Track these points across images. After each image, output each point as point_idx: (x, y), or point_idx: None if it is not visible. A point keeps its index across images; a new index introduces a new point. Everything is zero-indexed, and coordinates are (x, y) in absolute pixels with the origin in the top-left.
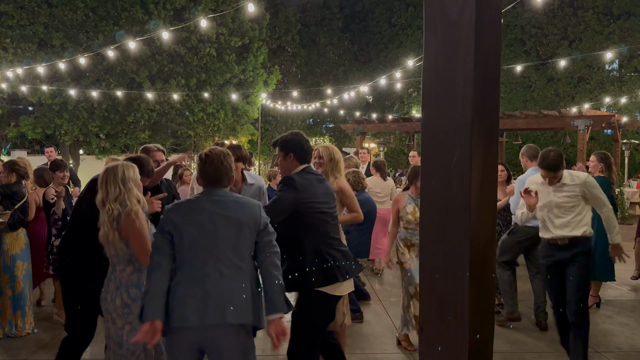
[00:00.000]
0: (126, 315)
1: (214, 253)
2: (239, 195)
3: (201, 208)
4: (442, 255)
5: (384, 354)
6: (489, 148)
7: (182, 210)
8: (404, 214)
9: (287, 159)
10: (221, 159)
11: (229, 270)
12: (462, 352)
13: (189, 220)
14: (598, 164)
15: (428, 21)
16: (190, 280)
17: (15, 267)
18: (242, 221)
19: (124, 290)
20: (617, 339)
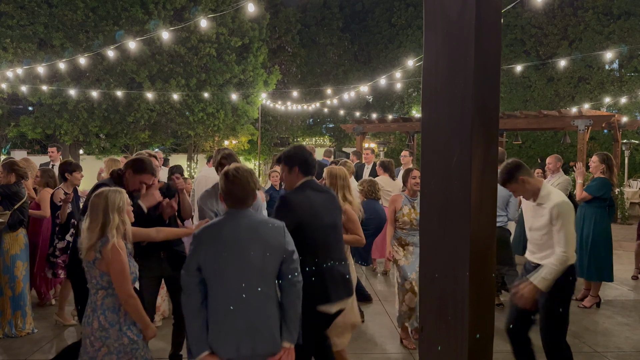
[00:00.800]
0: (103, 339)
1: (242, 282)
2: (264, 217)
3: (229, 236)
4: (442, 255)
5: (384, 354)
6: (489, 148)
7: (210, 240)
8: (400, 215)
9: (292, 173)
10: (248, 179)
11: (257, 299)
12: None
13: (216, 247)
14: (600, 165)
15: (428, 21)
16: (220, 311)
17: (15, 268)
18: (269, 245)
19: (100, 313)
20: (617, 339)
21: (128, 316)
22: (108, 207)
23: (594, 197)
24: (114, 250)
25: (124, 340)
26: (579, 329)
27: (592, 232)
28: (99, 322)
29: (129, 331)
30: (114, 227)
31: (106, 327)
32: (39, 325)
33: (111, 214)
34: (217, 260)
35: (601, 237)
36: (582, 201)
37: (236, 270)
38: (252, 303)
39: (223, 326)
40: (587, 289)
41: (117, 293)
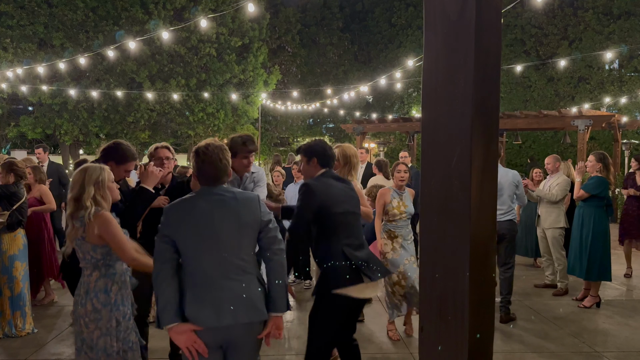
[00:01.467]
0: (97, 320)
1: (217, 256)
2: (238, 191)
3: (200, 210)
4: (442, 255)
5: (383, 354)
6: (489, 148)
7: (180, 213)
8: (390, 207)
9: (310, 164)
10: (219, 156)
11: (234, 272)
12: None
13: (189, 224)
14: (596, 164)
15: (428, 21)
16: (198, 285)
17: (13, 268)
18: (243, 219)
19: (93, 295)
20: (617, 339)
21: (118, 297)
22: (84, 179)
23: (592, 196)
24: (97, 218)
25: (113, 322)
26: (579, 329)
27: (592, 232)
28: (92, 304)
29: (116, 312)
30: (89, 197)
31: (99, 308)
32: (38, 325)
33: (87, 186)
34: (191, 236)
35: (600, 237)
36: (579, 200)
37: (211, 245)
38: (230, 276)
39: (201, 296)
40: (586, 288)
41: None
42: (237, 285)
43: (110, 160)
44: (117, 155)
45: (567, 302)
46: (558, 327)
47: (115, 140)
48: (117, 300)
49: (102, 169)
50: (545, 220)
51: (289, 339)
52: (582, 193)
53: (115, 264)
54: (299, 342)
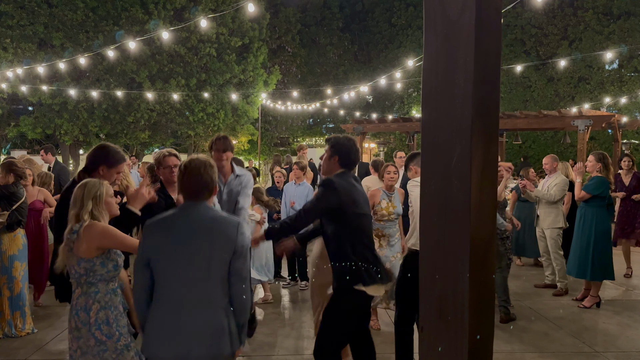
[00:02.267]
0: (77, 339)
1: (185, 281)
2: (218, 214)
3: (177, 229)
4: (442, 255)
5: (383, 354)
6: (489, 148)
7: (158, 233)
8: (379, 208)
9: (332, 160)
10: (200, 170)
11: (200, 300)
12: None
13: (164, 246)
14: (596, 163)
15: (428, 21)
16: (163, 310)
17: (13, 268)
18: (217, 242)
19: (74, 313)
20: (617, 339)
21: (99, 316)
22: (84, 195)
23: (593, 196)
24: (90, 229)
25: (91, 341)
26: (579, 329)
27: (594, 233)
28: (75, 321)
29: (97, 332)
30: (87, 212)
31: (79, 326)
32: (38, 325)
33: (85, 201)
34: (162, 257)
35: (602, 237)
36: (580, 200)
37: (180, 269)
38: (194, 305)
39: (159, 327)
40: (587, 289)
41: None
42: (200, 314)
43: (102, 164)
44: (107, 160)
45: (567, 302)
46: (558, 327)
47: (100, 144)
48: (98, 320)
49: (101, 184)
50: (544, 221)
51: (284, 339)
52: (583, 194)
53: (98, 283)
54: (293, 342)
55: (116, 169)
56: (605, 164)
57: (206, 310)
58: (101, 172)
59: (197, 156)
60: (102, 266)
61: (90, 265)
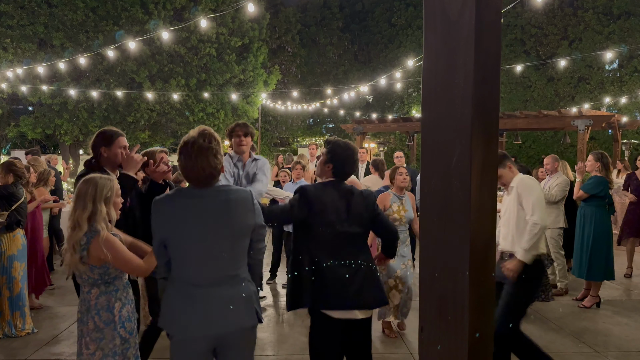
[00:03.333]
0: (98, 340)
1: (207, 261)
2: (230, 189)
3: (191, 212)
4: (442, 255)
5: (382, 354)
6: (489, 148)
7: (170, 214)
8: (390, 212)
9: (325, 167)
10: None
11: (224, 278)
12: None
13: (179, 223)
14: (595, 163)
15: (428, 21)
16: (187, 293)
17: (12, 268)
18: (236, 221)
19: (95, 313)
20: (617, 339)
21: (122, 314)
22: (95, 196)
23: (592, 196)
24: (107, 243)
25: (117, 340)
26: (579, 329)
27: (593, 232)
28: (94, 322)
29: (122, 330)
30: (102, 218)
31: (101, 327)
32: (38, 325)
33: (98, 204)
34: (180, 237)
35: (602, 237)
36: (579, 200)
37: (201, 248)
38: (220, 283)
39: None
40: (587, 289)
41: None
42: (227, 292)
43: (100, 146)
44: (104, 140)
45: (567, 302)
46: (558, 327)
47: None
48: (122, 317)
49: (112, 181)
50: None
51: (283, 340)
52: (581, 193)
53: (115, 281)
54: (297, 341)
55: (116, 144)
56: (604, 163)
57: (236, 284)
58: (105, 154)
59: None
60: (115, 268)
61: (104, 270)
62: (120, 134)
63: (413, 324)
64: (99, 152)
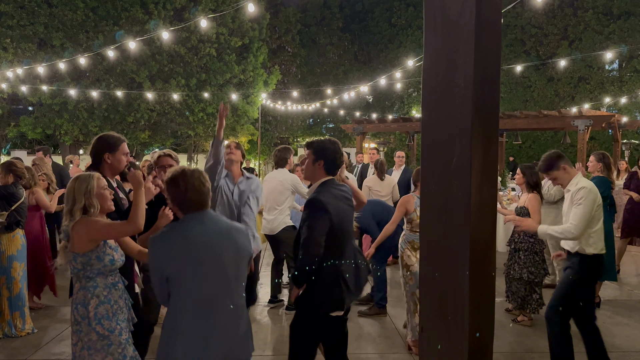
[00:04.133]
0: (78, 332)
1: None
2: (228, 221)
3: (198, 241)
4: (442, 255)
5: (382, 354)
6: (489, 148)
7: (178, 248)
8: (414, 216)
9: (316, 165)
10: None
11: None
12: (462, 351)
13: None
14: (597, 163)
15: (428, 21)
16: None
17: (12, 268)
18: (241, 251)
19: (74, 307)
20: (617, 339)
21: (98, 311)
22: (74, 190)
23: None
24: (78, 224)
25: (92, 335)
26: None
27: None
28: (74, 316)
29: (98, 326)
30: (79, 208)
31: (79, 320)
32: (38, 325)
33: (77, 196)
34: (186, 267)
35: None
36: None
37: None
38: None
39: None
40: None
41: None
42: (233, 321)
43: (105, 152)
44: (108, 146)
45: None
46: None
47: (97, 136)
48: (98, 314)
49: (92, 177)
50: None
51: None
52: None
53: (97, 277)
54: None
55: (120, 151)
56: (606, 163)
57: (237, 314)
58: (108, 160)
59: (183, 167)
60: (98, 260)
61: (86, 259)
62: (123, 139)
63: None
64: (102, 158)
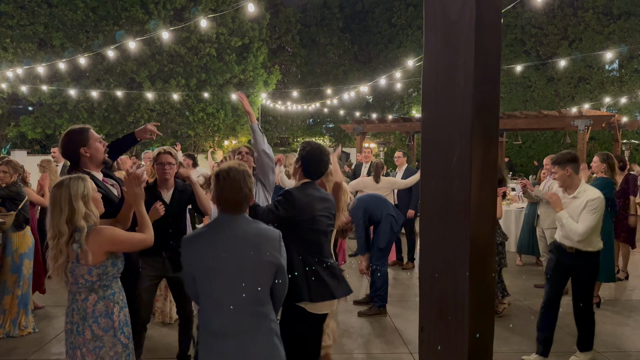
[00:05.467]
0: (98, 349)
1: (236, 300)
2: (261, 226)
3: (222, 247)
4: (442, 255)
5: (383, 354)
6: (489, 148)
7: (201, 252)
8: None
9: (296, 165)
10: (241, 182)
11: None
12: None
13: (206, 259)
14: (601, 164)
15: (428, 21)
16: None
17: (23, 266)
18: (265, 259)
19: (92, 321)
20: (617, 339)
21: (120, 318)
22: (70, 196)
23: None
24: (95, 236)
25: (118, 347)
26: None
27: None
28: (92, 331)
29: (122, 336)
30: (81, 217)
31: (100, 335)
32: (38, 325)
33: (75, 204)
34: (209, 279)
35: (604, 239)
36: None
37: (228, 289)
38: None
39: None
40: None
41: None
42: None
43: (80, 147)
44: (81, 139)
45: (567, 302)
46: (558, 327)
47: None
48: (121, 322)
49: (84, 180)
50: (544, 220)
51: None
52: None
53: (112, 283)
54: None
55: (93, 139)
56: (610, 164)
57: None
58: (87, 154)
59: (233, 164)
60: (113, 266)
61: (102, 269)
62: (88, 127)
63: (413, 323)
64: (79, 154)
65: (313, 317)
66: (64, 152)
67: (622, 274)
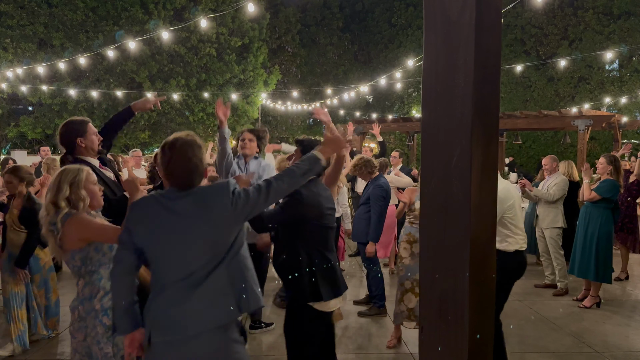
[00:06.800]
0: (83, 329)
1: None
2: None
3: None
4: (442, 255)
5: (382, 354)
6: (489, 148)
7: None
8: (414, 208)
9: None
10: (188, 153)
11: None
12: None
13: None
14: (607, 166)
15: (428, 21)
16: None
17: (50, 279)
18: (215, 212)
19: (78, 303)
20: (617, 339)
21: (104, 303)
22: (60, 179)
23: (602, 199)
24: (71, 222)
25: (99, 329)
26: (579, 329)
27: (597, 233)
28: (78, 312)
29: (104, 317)
30: (63, 198)
31: (83, 315)
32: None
33: (62, 185)
34: (156, 244)
35: (605, 239)
36: (589, 201)
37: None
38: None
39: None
40: (587, 289)
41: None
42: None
43: (76, 137)
44: (77, 129)
45: (567, 302)
46: (558, 327)
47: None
48: (104, 306)
49: (80, 169)
50: (543, 220)
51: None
52: (594, 195)
53: (100, 269)
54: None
55: (90, 132)
56: (616, 166)
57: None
58: (82, 144)
59: (181, 134)
60: (96, 251)
61: (84, 254)
62: (87, 120)
63: None
64: (75, 144)
65: (324, 315)
66: (62, 139)
67: (622, 274)
